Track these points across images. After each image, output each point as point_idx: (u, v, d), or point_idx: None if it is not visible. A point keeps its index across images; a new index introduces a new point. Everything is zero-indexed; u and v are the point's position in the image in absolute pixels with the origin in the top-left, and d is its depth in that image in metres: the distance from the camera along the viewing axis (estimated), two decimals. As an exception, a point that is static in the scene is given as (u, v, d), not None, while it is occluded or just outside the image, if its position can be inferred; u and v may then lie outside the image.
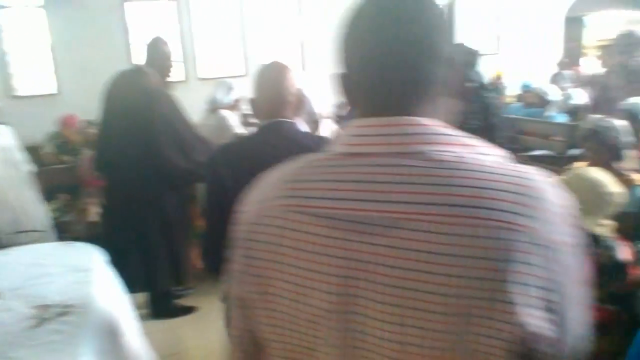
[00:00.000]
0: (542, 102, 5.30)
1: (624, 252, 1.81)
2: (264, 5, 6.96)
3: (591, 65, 7.78)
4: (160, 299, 3.28)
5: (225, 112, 3.64)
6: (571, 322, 0.63)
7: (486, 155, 0.66)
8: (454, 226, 0.59)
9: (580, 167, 2.74)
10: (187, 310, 3.35)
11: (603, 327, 1.78)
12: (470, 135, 0.67)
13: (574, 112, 5.03)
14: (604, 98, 4.56)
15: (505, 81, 6.84)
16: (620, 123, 2.73)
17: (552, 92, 5.34)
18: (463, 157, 0.63)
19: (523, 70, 6.92)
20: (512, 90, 6.63)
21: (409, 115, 0.66)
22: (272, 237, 0.69)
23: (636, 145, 3.24)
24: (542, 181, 0.64)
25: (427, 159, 0.63)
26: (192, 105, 4.18)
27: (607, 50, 4.92)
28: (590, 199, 1.81)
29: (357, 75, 0.70)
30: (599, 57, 7.16)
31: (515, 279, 0.58)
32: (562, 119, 5.07)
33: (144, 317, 3.20)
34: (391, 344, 0.62)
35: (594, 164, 2.65)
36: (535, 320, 0.59)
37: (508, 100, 6.59)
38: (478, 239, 0.59)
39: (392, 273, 0.61)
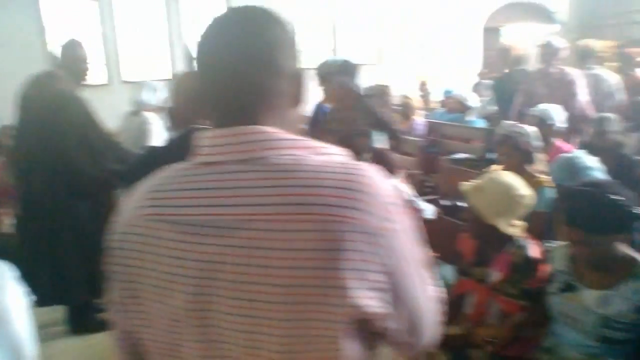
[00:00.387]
0: (463, 107, 5.56)
1: (534, 250, 1.92)
2: (192, 5, 6.82)
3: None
4: (79, 314, 3.11)
5: (148, 114, 3.54)
6: (410, 300, 0.73)
7: (325, 155, 0.73)
8: (289, 223, 0.66)
9: (494, 171, 2.90)
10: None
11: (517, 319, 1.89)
12: (310, 138, 0.75)
13: (492, 117, 5.32)
14: (527, 104, 4.87)
15: (430, 87, 7.10)
16: (531, 128, 2.92)
17: (471, 99, 5.62)
18: (301, 159, 0.71)
19: (447, 77, 7.22)
20: (436, 96, 6.90)
21: (254, 124, 0.72)
22: (137, 245, 0.75)
23: (544, 149, 3.48)
24: (368, 176, 0.71)
25: (268, 164, 0.70)
26: (115, 108, 4.02)
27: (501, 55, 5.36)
28: (503, 202, 1.92)
29: (207, 89, 0.76)
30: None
31: (346, 266, 0.66)
32: (481, 124, 5.35)
33: (63, 334, 3.03)
34: (244, 335, 0.69)
35: (508, 167, 2.81)
36: (369, 301, 0.67)
37: (432, 105, 6.86)
38: (309, 233, 0.66)
39: (238, 270, 0.68)
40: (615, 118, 3.36)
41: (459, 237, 2.19)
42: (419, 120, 5.50)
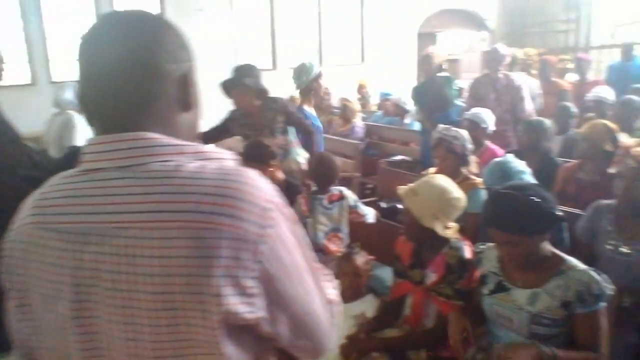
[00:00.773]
0: (401, 111, 5.68)
1: (469, 251, 1.98)
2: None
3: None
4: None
5: (73, 113, 3.39)
6: (293, 305, 0.74)
7: (211, 161, 0.72)
8: (162, 230, 0.66)
9: (429, 174, 2.97)
10: None
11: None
12: (198, 143, 0.75)
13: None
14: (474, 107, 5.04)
15: (369, 91, 7.21)
16: (464, 132, 3.01)
17: (409, 102, 5.74)
18: (181, 165, 0.70)
19: (385, 81, 7.35)
20: (375, 99, 7.01)
21: (138, 130, 0.71)
22: (23, 254, 0.75)
23: (477, 151, 3.61)
24: (245, 182, 0.70)
25: (147, 171, 0.69)
26: (42, 110, 3.79)
27: (453, 64, 5.51)
28: (437, 205, 1.95)
29: (86, 96, 0.75)
30: (448, 70, 7.84)
31: (219, 273, 0.66)
32: (418, 127, 5.47)
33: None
34: (126, 342, 0.69)
35: (443, 169, 2.89)
36: (244, 307, 0.68)
37: (372, 108, 6.97)
38: (182, 240, 0.66)
39: (114, 278, 0.68)
40: (548, 122, 3.54)
41: (397, 240, 2.22)
42: (359, 123, 5.56)
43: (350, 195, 2.80)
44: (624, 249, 2.12)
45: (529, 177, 2.41)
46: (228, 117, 3.46)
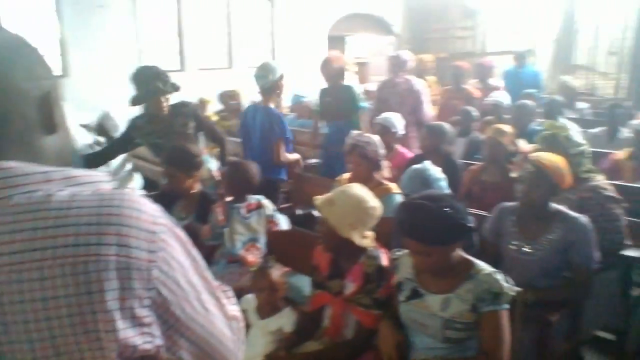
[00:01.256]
0: (313, 114, 5.68)
1: (386, 259, 1.99)
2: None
3: (352, 80, 8.69)
4: None
5: None
6: (193, 328, 0.70)
7: (83, 185, 0.66)
8: (37, 271, 0.60)
9: (345, 183, 2.97)
10: None
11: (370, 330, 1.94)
12: (70, 167, 0.68)
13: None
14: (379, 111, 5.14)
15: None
16: (376, 137, 3.06)
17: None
18: (50, 195, 0.63)
19: (297, 83, 7.33)
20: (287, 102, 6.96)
21: None
22: None
23: (388, 156, 3.69)
24: (127, 206, 0.65)
25: (9, 205, 0.62)
26: None
27: (363, 68, 5.61)
28: (354, 215, 1.95)
29: None
30: (357, 73, 8.00)
31: (113, 307, 0.61)
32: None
33: None
34: None
35: (357, 174, 2.90)
36: (140, 338, 0.64)
37: (284, 111, 6.92)
38: (63, 279, 0.60)
39: None
40: (448, 126, 3.69)
41: (314, 250, 2.19)
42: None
43: (268, 205, 2.74)
44: (526, 249, 2.25)
45: (444, 184, 2.48)
46: (131, 126, 3.24)
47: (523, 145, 2.35)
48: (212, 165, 3.55)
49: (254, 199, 2.69)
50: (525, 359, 2.08)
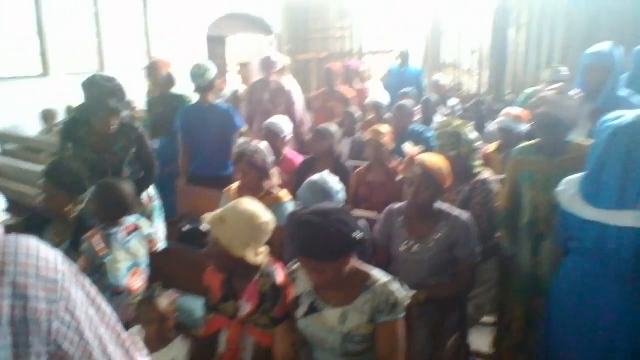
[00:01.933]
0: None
1: (280, 276, 1.92)
2: None
3: (234, 81, 8.54)
4: None
5: None
6: None
7: None
8: None
9: (233, 193, 2.87)
10: None
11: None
12: None
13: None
14: (254, 113, 5.08)
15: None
16: (264, 144, 2.98)
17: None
18: None
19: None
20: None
21: None
22: None
23: (277, 161, 3.64)
24: (25, 253, 0.59)
25: None
26: None
27: (245, 68, 5.52)
28: (248, 232, 1.85)
29: None
30: (239, 73, 7.86)
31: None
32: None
33: None
34: None
35: (245, 184, 2.80)
36: None
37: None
38: None
39: None
40: (335, 127, 3.73)
41: (205, 272, 2.06)
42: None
43: (145, 225, 2.54)
44: (416, 249, 2.32)
45: (343, 195, 2.47)
46: (68, 129, 2.97)
47: (408, 147, 2.41)
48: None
49: (130, 220, 2.47)
50: (420, 354, 2.15)
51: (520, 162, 2.51)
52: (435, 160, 2.30)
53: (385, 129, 3.40)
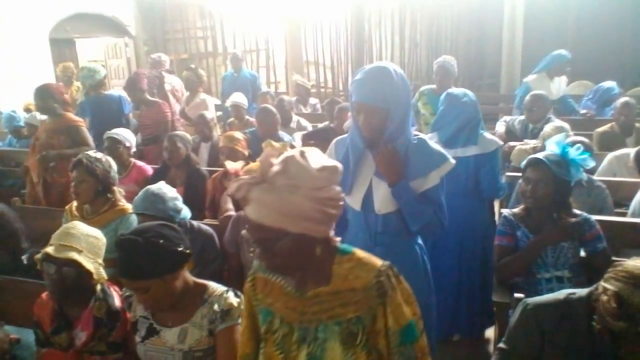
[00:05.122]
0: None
1: (117, 299, 1.83)
2: None
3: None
4: None
5: None
6: None
7: None
8: None
9: (74, 212, 2.67)
10: None
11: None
12: None
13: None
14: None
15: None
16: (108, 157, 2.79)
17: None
18: None
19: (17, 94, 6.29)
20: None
21: None
22: None
23: (125, 171, 3.47)
24: None
25: None
26: None
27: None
28: (93, 248, 1.84)
29: None
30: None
31: None
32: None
33: None
34: None
35: (79, 192, 2.58)
36: None
37: None
38: None
39: None
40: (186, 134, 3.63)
41: (34, 305, 1.89)
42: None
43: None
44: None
45: (179, 203, 2.40)
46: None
47: (229, 164, 2.42)
48: None
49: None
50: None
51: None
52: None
53: (238, 135, 3.39)
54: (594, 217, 2.22)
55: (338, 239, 1.22)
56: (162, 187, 2.40)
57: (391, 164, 1.76)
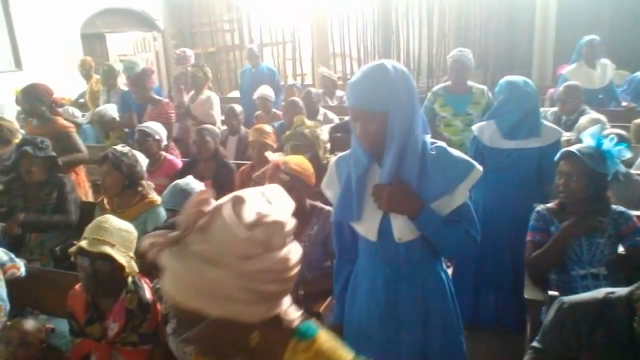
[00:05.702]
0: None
1: (148, 291, 1.86)
2: None
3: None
4: None
5: None
6: None
7: None
8: None
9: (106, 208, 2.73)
10: None
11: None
12: None
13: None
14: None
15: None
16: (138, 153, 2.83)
17: (79, 113, 5.28)
18: None
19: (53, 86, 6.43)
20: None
21: None
22: None
23: (156, 164, 3.51)
24: None
25: None
26: None
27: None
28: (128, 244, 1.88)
29: None
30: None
31: None
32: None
33: None
34: None
35: (107, 186, 2.64)
36: None
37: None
38: None
39: None
40: (214, 128, 3.65)
41: (68, 296, 1.94)
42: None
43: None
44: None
45: None
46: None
47: (270, 155, 2.42)
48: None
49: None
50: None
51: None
52: (300, 163, 2.29)
53: (268, 128, 3.39)
54: (633, 213, 2.14)
55: (297, 314, 0.86)
56: (190, 182, 2.42)
57: (402, 201, 1.45)
